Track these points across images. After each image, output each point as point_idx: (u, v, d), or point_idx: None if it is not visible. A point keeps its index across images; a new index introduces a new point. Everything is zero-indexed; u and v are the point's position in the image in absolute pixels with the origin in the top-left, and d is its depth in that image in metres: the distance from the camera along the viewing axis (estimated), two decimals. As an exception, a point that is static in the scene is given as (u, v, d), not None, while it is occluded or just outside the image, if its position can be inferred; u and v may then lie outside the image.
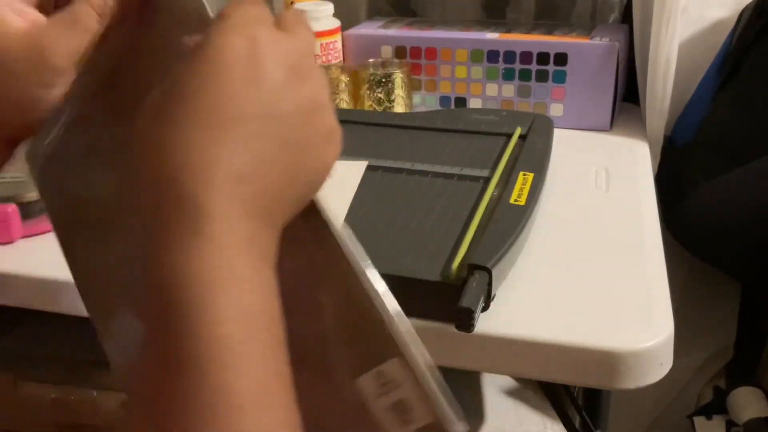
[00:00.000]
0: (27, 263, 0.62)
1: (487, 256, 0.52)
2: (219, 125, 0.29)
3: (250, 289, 0.28)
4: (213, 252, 0.28)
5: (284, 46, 0.31)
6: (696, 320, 1.03)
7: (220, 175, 0.28)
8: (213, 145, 0.29)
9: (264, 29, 0.31)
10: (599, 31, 0.94)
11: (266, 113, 0.30)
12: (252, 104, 0.30)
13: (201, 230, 0.28)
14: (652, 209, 0.70)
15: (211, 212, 0.28)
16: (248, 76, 0.30)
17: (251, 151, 0.29)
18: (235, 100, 0.29)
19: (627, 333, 0.51)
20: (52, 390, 0.73)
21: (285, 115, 0.30)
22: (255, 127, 0.30)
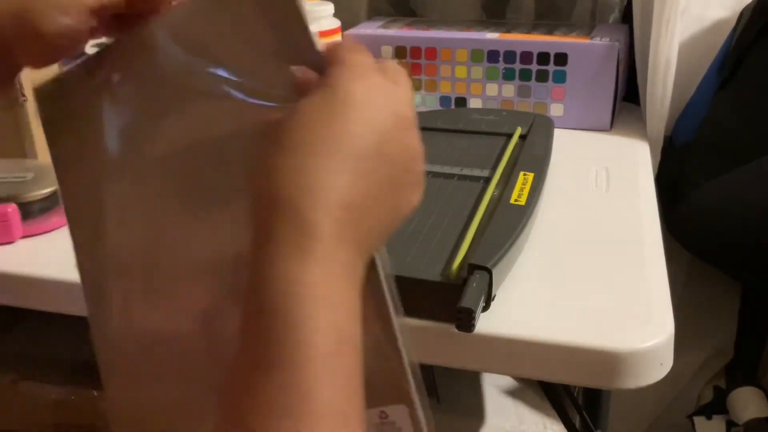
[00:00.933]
0: (27, 263, 0.62)
1: (488, 256, 0.52)
2: (338, 157, 0.32)
3: (343, 311, 0.31)
4: (318, 270, 0.30)
5: (394, 96, 0.35)
6: (696, 320, 1.03)
7: (333, 200, 0.32)
8: (330, 174, 0.32)
9: (379, 78, 0.35)
10: (599, 31, 0.94)
11: (377, 153, 0.33)
12: (367, 144, 0.33)
13: (311, 248, 0.31)
14: (652, 209, 0.70)
15: (321, 233, 0.31)
16: (366, 119, 0.33)
17: (361, 185, 0.33)
18: (355, 137, 0.33)
19: (627, 333, 0.51)
20: (52, 390, 0.73)
21: (392, 157, 0.34)
22: (367, 164, 0.33)
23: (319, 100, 0.33)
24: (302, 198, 0.31)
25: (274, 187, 0.32)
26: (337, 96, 0.33)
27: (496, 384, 0.77)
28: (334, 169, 0.32)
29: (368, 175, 0.33)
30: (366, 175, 0.33)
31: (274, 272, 0.30)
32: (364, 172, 0.33)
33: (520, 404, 0.75)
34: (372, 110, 0.34)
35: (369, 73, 0.35)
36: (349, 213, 0.32)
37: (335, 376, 0.29)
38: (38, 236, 0.66)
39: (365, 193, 0.33)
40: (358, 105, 0.33)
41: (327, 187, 0.32)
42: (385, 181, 0.34)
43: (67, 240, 0.65)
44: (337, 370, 0.29)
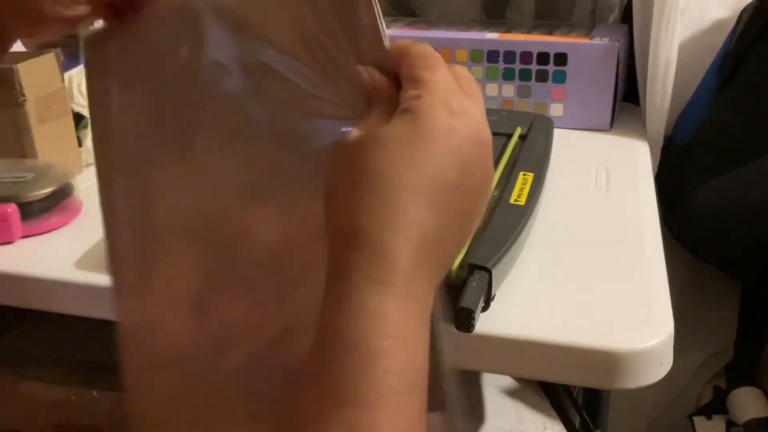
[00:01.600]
0: (27, 263, 0.62)
1: (487, 256, 0.52)
2: (423, 192, 0.32)
3: (417, 349, 0.31)
4: (398, 306, 0.30)
5: (473, 117, 0.34)
6: (696, 320, 1.03)
7: (415, 238, 0.31)
8: (414, 210, 0.32)
9: (458, 100, 0.34)
10: (599, 31, 0.94)
11: (459, 185, 0.33)
12: (450, 177, 0.33)
13: (390, 284, 0.31)
14: (652, 209, 0.70)
15: (401, 269, 0.31)
16: (450, 151, 0.33)
17: (443, 219, 0.32)
18: (439, 171, 0.32)
19: (627, 333, 0.51)
20: (52, 390, 0.73)
21: (471, 186, 0.34)
22: (448, 197, 0.33)
23: (402, 130, 0.32)
24: (386, 234, 0.31)
25: (357, 221, 0.31)
26: (423, 126, 0.32)
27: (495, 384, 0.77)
28: (420, 205, 0.32)
29: (448, 209, 0.33)
30: (446, 208, 0.33)
31: (352, 305, 0.30)
32: (444, 206, 0.32)
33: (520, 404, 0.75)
34: (456, 139, 0.33)
35: (449, 94, 0.34)
36: (427, 249, 0.32)
37: (404, 417, 0.29)
38: (38, 236, 0.66)
39: (444, 226, 0.33)
40: (444, 136, 0.33)
41: (410, 224, 0.31)
42: (461, 211, 0.34)
43: (66, 240, 0.66)
44: (406, 412, 0.29)
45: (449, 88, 0.34)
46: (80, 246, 0.64)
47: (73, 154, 0.80)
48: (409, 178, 0.32)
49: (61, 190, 0.68)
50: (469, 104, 0.34)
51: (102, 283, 0.58)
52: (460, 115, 0.33)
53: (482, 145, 0.34)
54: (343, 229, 0.32)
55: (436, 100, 0.33)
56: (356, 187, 0.32)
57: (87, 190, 0.72)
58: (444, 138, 0.33)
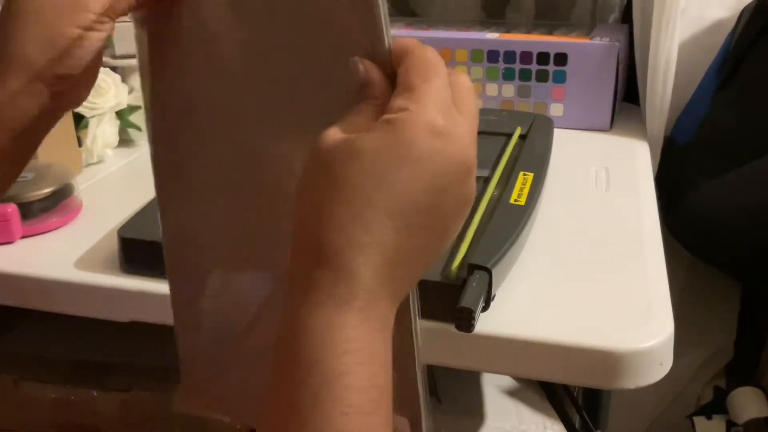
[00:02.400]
0: (27, 263, 0.62)
1: (487, 256, 0.52)
2: (393, 212, 0.31)
3: (379, 364, 0.31)
4: (359, 323, 0.30)
5: (461, 139, 0.33)
6: (696, 320, 1.03)
7: (381, 257, 0.31)
8: (383, 230, 0.31)
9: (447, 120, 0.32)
10: (599, 31, 0.94)
11: (433, 207, 0.32)
12: (426, 201, 0.32)
13: (352, 301, 0.30)
14: (652, 209, 0.70)
15: (366, 288, 0.30)
16: (430, 173, 0.32)
17: (411, 240, 0.32)
18: (415, 194, 0.31)
19: (627, 333, 0.51)
20: (52, 390, 0.73)
21: (447, 210, 0.33)
22: (421, 220, 0.32)
23: (382, 144, 0.31)
24: (351, 251, 0.30)
25: (323, 234, 0.31)
26: (403, 144, 0.31)
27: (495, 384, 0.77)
28: (388, 226, 0.31)
29: (418, 230, 0.32)
30: (416, 230, 0.32)
31: (312, 321, 0.30)
32: (415, 228, 0.32)
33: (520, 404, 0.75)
34: (434, 163, 0.32)
35: (437, 112, 0.32)
36: (392, 269, 0.31)
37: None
38: (38, 236, 0.66)
39: (412, 247, 0.32)
40: (424, 158, 0.31)
41: (376, 244, 0.31)
42: (432, 232, 0.33)
43: (66, 240, 0.66)
44: (372, 428, 0.29)
45: (439, 104, 0.33)
46: (80, 246, 0.64)
47: (73, 154, 0.80)
48: (380, 198, 0.31)
49: (61, 190, 0.68)
50: (457, 122, 0.33)
51: (102, 283, 0.59)
52: (443, 137, 0.32)
53: (463, 169, 0.33)
54: (309, 238, 0.31)
55: (421, 117, 0.32)
56: (326, 197, 0.31)
57: (87, 190, 0.72)
58: (422, 162, 0.31)
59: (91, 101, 0.82)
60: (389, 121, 0.32)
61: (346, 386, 0.29)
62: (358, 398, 0.29)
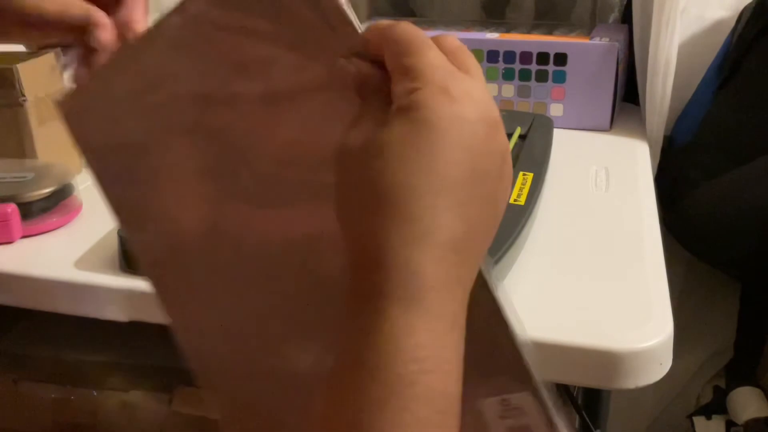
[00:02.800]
0: (27, 263, 0.62)
1: (487, 255, 0.52)
2: (439, 193, 0.29)
3: (449, 370, 0.28)
4: (428, 326, 0.28)
5: (476, 97, 0.31)
6: (696, 320, 1.03)
7: (441, 245, 0.29)
8: (435, 215, 0.29)
9: (458, 82, 0.31)
10: (599, 31, 0.94)
11: (473, 175, 0.30)
12: (463, 168, 0.30)
13: (420, 303, 0.28)
14: (651, 209, 0.69)
15: (431, 284, 0.28)
16: (459, 142, 0.30)
17: (463, 217, 0.30)
18: (450, 165, 0.29)
19: (627, 333, 0.51)
20: (52, 390, 0.73)
21: (487, 173, 0.31)
22: (466, 191, 0.30)
23: (407, 131, 0.30)
24: (412, 249, 0.28)
25: (376, 242, 0.29)
26: (427, 122, 0.29)
27: (495, 384, 0.77)
28: (439, 208, 0.29)
29: (469, 203, 0.30)
30: (468, 202, 0.30)
31: (381, 328, 0.28)
32: (465, 200, 0.30)
33: (520, 404, 0.75)
34: (462, 128, 0.30)
35: (446, 78, 0.30)
36: (455, 254, 0.29)
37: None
38: (38, 236, 0.66)
39: (469, 223, 0.30)
40: (450, 127, 0.30)
41: (435, 231, 0.29)
42: (483, 200, 0.31)
43: (66, 240, 0.66)
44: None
45: (444, 71, 0.31)
46: (80, 246, 0.64)
47: (73, 154, 0.80)
48: (421, 183, 0.29)
49: (61, 190, 0.68)
50: (468, 83, 0.31)
51: (101, 283, 0.59)
52: (462, 100, 0.30)
53: (491, 124, 0.31)
54: (361, 248, 0.30)
55: (434, 90, 0.30)
56: (368, 204, 0.30)
57: (87, 190, 0.72)
58: (450, 130, 0.30)
59: (91, 101, 0.82)
60: (402, 107, 0.30)
61: (412, 397, 0.27)
62: (425, 410, 0.27)
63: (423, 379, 0.27)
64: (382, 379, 0.27)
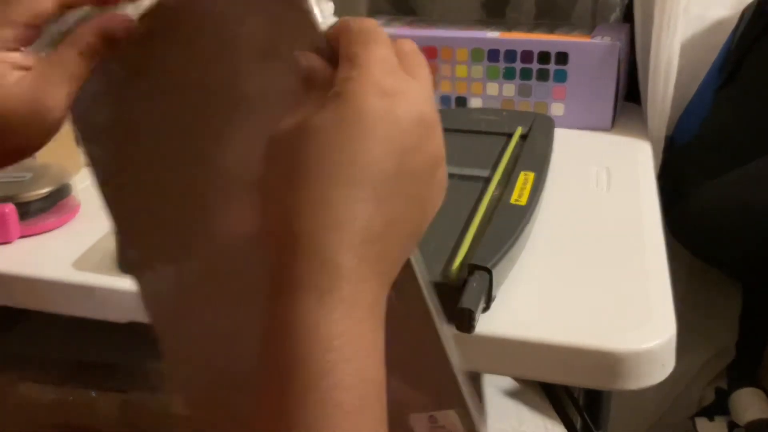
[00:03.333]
0: (25, 263, 0.62)
1: (488, 256, 0.51)
2: (358, 184, 0.29)
3: (368, 356, 0.29)
4: (343, 314, 0.28)
5: (414, 100, 0.31)
6: (697, 321, 1.03)
7: (356, 235, 0.29)
8: (351, 205, 0.29)
9: (396, 81, 0.31)
10: (600, 30, 0.94)
11: (400, 171, 0.30)
12: (389, 165, 0.30)
13: (336, 292, 0.28)
14: (653, 209, 0.69)
15: (347, 274, 0.28)
16: (386, 136, 0.30)
17: (384, 211, 0.30)
18: (376, 160, 0.30)
19: (628, 334, 0.50)
20: (51, 390, 0.73)
21: (415, 172, 0.31)
22: (389, 187, 0.30)
23: (334, 118, 0.30)
24: (325, 236, 0.28)
25: (293, 223, 0.29)
26: (354, 112, 0.30)
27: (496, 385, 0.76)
28: (356, 199, 0.29)
29: (391, 199, 0.30)
30: (389, 198, 0.30)
31: (296, 318, 0.28)
32: (386, 196, 0.30)
33: (521, 405, 0.74)
34: (392, 125, 0.30)
35: (383, 74, 0.31)
36: (373, 246, 0.29)
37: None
38: (36, 236, 0.66)
39: (389, 219, 0.30)
40: (378, 122, 0.30)
41: (350, 220, 0.29)
42: (408, 199, 0.31)
43: (64, 240, 0.65)
44: (362, 426, 0.27)
45: (385, 66, 0.31)
46: (78, 246, 0.63)
47: (71, 154, 0.80)
48: (342, 171, 0.29)
49: (59, 190, 0.68)
50: (407, 83, 0.31)
51: (100, 283, 0.58)
52: (395, 97, 0.30)
53: (424, 125, 0.31)
54: (279, 232, 0.30)
55: (367, 82, 0.30)
56: (289, 185, 0.30)
57: (85, 191, 0.72)
58: (378, 124, 0.30)
59: (90, 101, 0.82)
60: (336, 93, 0.30)
61: (332, 386, 0.27)
62: (346, 397, 0.27)
63: (341, 367, 0.27)
64: (302, 369, 0.27)
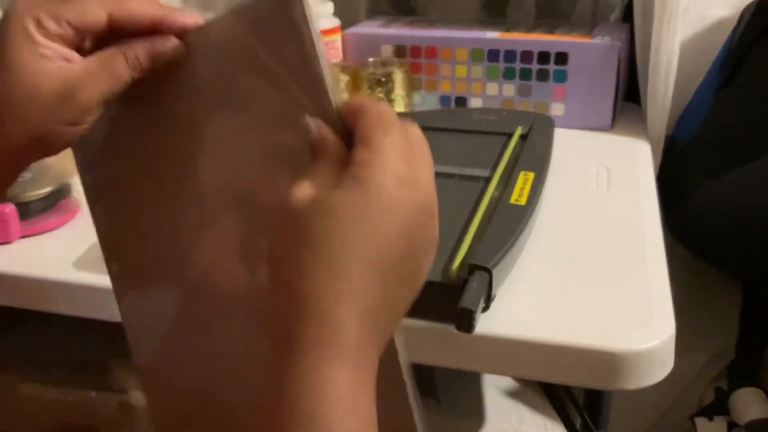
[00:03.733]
0: (26, 263, 0.62)
1: (488, 256, 0.52)
2: (373, 264, 0.32)
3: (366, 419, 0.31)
4: (345, 376, 0.30)
5: (422, 186, 0.35)
6: (697, 321, 1.03)
7: (365, 309, 0.32)
8: (364, 281, 0.32)
9: (408, 169, 0.34)
10: (600, 30, 0.94)
11: (407, 253, 0.33)
12: (400, 246, 0.33)
13: (340, 354, 0.31)
14: (653, 209, 0.69)
15: (350, 338, 0.31)
16: (398, 219, 0.33)
17: (389, 289, 0.33)
18: (388, 242, 0.33)
19: (628, 334, 0.50)
20: (51, 391, 0.73)
21: (418, 255, 0.34)
22: (397, 268, 0.33)
23: (354, 200, 0.33)
24: (337, 304, 0.31)
25: (306, 288, 0.32)
26: (373, 197, 0.33)
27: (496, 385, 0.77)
28: (369, 276, 0.32)
29: (394, 278, 0.33)
30: (392, 278, 0.33)
31: (301, 375, 0.30)
32: (391, 276, 0.33)
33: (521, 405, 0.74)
34: (405, 211, 0.33)
35: (399, 162, 0.34)
36: (374, 318, 0.32)
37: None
38: (36, 236, 0.66)
39: (390, 295, 0.33)
40: (394, 208, 0.33)
41: (362, 295, 0.32)
42: (409, 280, 0.34)
43: (65, 240, 0.66)
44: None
45: (400, 154, 0.34)
46: (78, 246, 0.63)
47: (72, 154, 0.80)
48: (359, 249, 0.32)
49: (60, 190, 0.68)
50: (418, 171, 0.35)
51: (100, 283, 0.58)
52: (408, 185, 0.34)
53: (429, 213, 0.35)
54: (291, 293, 0.32)
55: (385, 169, 0.33)
56: (306, 252, 0.32)
57: (86, 190, 0.72)
58: (393, 209, 0.33)
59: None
60: (356, 175, 0.33)
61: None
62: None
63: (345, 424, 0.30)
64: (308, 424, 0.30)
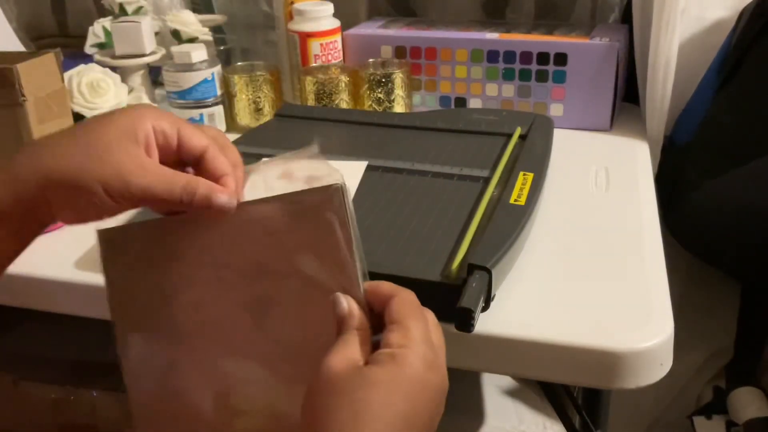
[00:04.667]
0: (27, 263, 0.62)
1: (487, 256, 0.52)
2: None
3: None
4: None
5: (440, 366, 0.41)
6: (696, 320, 1.03)
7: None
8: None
9: (433, 354, 0.40)
10: (599, 31, 0.94)
11: (429, 423, 0.39)
12: (425, 420, 0.39)
13: None
14: (651, 209, 0.70)
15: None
16: (428, 399, 0.39)
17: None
18: (419, 417, 0.38)
19: (627, 333, 0.51)
20: (52, 390, 0.73)
21: (435, 420, 0.40)
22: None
23: (393, 377, 0.38)
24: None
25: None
26: (409, 378, 0.38)
27: (495, 384, 0.77)
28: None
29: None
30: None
31: None
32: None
33: (520, 404, 0.75)
34: (430, 392, 0.39)
35: (426, 348, 0.40)
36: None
37: None
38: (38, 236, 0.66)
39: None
40: (424, 389, 0.39)
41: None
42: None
43: (66, 240, 0.66)
44: None
45: (428, 340, 0.40)
46: (80, 246, 0.64)
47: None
48: (396, 421, 0.37)
49: (61, 190, 0.68)
50: (440, 356, 0.41)
51: (102, 283, 0.58)
52: (433, 369, 0.40)
53: (443, 391, 0.41)
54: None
55: (417, 354, 0.39)
56: (347, 419, 0.37)
57: (87, 190, 0.72)
58: (423, 390, 0.39)
59: (91, 101, 0.82)
60: (393, 355, 0.39)
61: None
62: None
63: None
64: None
